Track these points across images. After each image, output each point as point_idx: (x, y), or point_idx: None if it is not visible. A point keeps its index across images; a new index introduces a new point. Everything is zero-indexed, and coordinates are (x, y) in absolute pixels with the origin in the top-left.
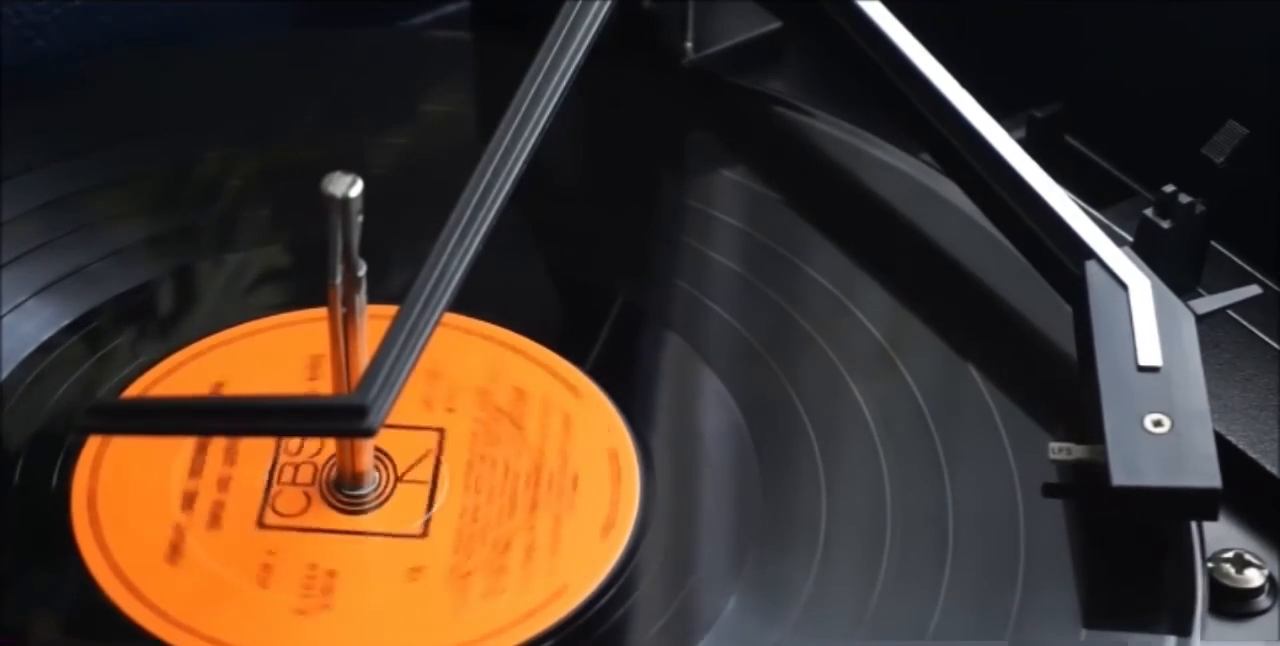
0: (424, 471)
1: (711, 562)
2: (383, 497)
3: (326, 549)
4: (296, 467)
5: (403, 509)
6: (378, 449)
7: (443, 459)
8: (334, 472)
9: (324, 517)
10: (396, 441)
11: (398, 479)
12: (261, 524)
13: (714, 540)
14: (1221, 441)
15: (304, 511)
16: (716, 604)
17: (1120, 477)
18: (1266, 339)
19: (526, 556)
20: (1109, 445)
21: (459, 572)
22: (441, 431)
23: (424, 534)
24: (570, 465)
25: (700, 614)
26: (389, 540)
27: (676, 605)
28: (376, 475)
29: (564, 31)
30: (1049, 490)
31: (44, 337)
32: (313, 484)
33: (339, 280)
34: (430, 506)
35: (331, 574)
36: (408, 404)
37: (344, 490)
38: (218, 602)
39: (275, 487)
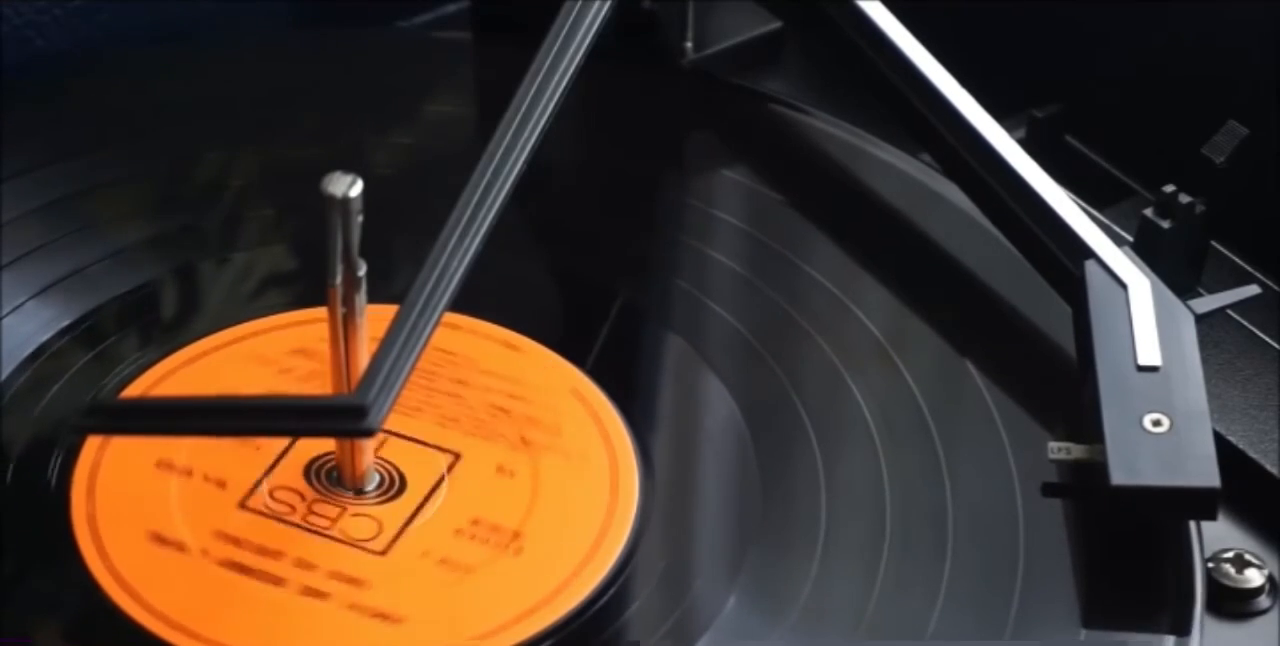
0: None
1: (711, 562)
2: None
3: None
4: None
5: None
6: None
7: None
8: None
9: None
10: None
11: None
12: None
13: (714, 540)
14: (1221, 441)
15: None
16: (716, 604)
17: (1119, 477)
18: (1266, 339)
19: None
20: (1108, 444)
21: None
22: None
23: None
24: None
25: (700, 614)
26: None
27: (676, 605)
28: (377, 481)
29: (564, 31)
30: (1049, 489)
31: (44, 338)
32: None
33: (339, 280)
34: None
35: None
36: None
37: (336, 487)
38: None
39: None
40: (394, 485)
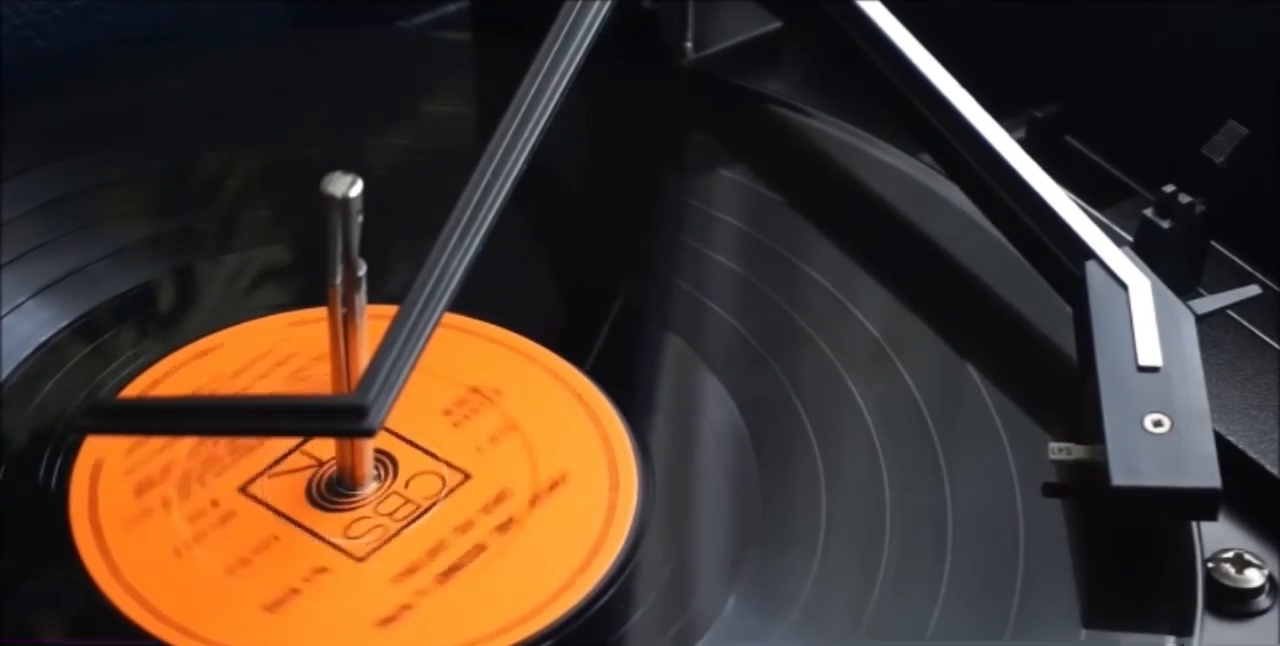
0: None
1: (711, 562)
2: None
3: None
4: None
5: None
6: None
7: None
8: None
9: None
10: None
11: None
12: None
13: (714, 540)
14: (1221, 441)
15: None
16: (716, 604)
17: (1120, 478)
18: (1266, 339)
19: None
20: (1109, 445)
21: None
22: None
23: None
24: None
25: (700, 614)
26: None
27: (676, 605)
28: (376, 482)
29: (564, 31)
30: (1049, 490)
31: (44, 338)
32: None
33: (339, 280)
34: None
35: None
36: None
37: (335, 487)
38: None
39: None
40: (365, 501)
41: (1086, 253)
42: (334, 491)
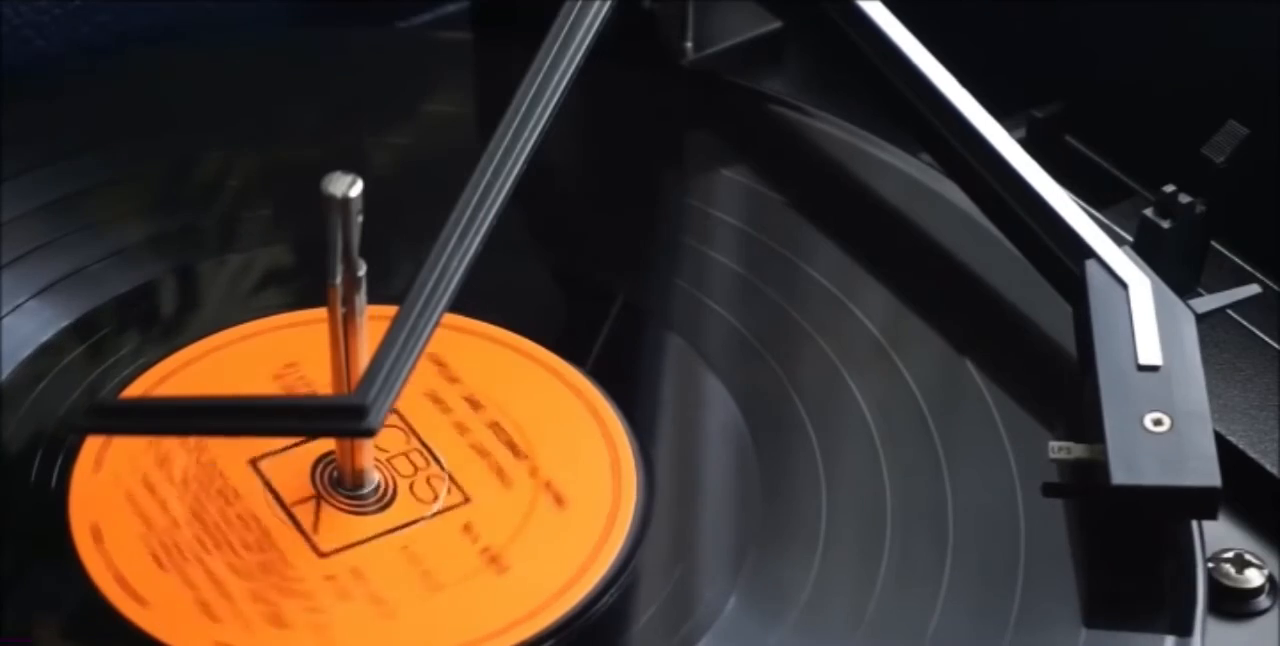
0: (422, 493)
1: (711, 563)
2: (362, 508)
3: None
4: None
5: (336, 527)
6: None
7: (442, 501)
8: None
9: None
10: (424, 464)
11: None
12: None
13: (714, 540)
14: (1221, 441)
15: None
16: (716, 604)
17: (1120, 477)
18: (1266, 339)
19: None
20: (1109, 444)
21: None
22: (468, 475)
23: (325, 555)
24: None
25: (700, 614)
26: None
27: (676, 605)
28: (378, 480)
29: (564, 31)
30: (1049, 489)
31: (44, 338)
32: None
33: (339, 280)
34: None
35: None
36: (469, 439)
37: (338, 488)
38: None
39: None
40: (367, 501)
41: (1086, 252)
42: (337, 490)
